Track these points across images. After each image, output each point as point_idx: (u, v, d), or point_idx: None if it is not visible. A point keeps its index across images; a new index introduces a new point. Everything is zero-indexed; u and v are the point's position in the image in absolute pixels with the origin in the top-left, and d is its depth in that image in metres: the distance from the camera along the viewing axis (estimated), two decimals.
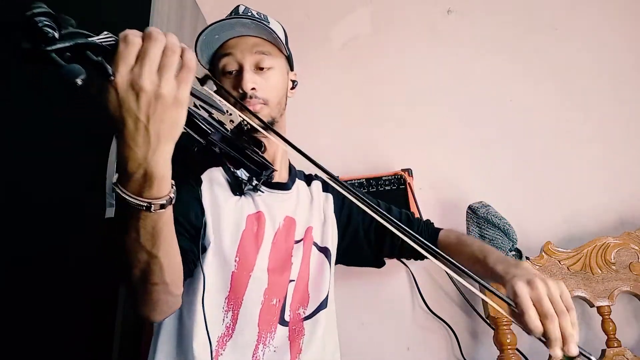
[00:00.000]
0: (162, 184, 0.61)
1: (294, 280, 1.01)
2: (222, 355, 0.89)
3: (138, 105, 0.54)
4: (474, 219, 1.41)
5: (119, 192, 0.60)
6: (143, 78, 0.53)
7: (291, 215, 1.06)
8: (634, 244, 1.41)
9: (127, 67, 0.54)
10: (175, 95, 0.56)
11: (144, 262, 0.68)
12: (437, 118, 1.76)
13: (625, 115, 1.65)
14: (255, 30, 1.03)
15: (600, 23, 1.77)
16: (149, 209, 0.61)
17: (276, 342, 0.94)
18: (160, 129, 0.56)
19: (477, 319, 1.50)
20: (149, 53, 0.54)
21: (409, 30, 1.90)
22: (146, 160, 0.57)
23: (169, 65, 0.55)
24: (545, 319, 0.74)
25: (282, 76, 1.08)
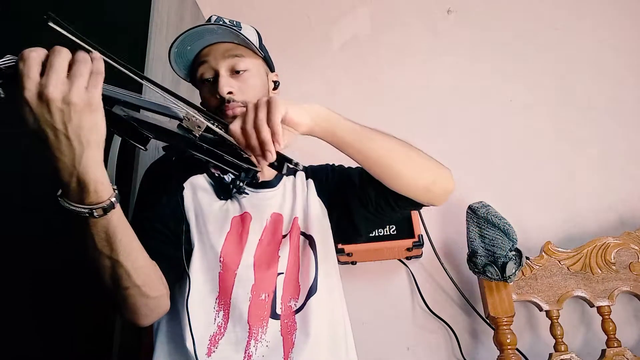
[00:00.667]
0: (99, 189, 0.63)
1: (283, 273, 1.01)
2: (214, 353, 0.91)
3: (51, 115, 0.57)
4: (474, 219, 1.41)
5: (61, 203, 0.64)
6: (49, 88, 0.56)
7: (277, 211, 1.06)
8: (634, 244, 1.41)
9: (31, 81, 0.56)
10: (87, 101, 0.58)
11: (109, 267, 0.71)
12: (437, 118, 1.76)
13: (625, 115, 1.66)
14: (223, 35, 1.04)
15: (600, 23, 1.77)
16: (92, 214, 0.64)
17: (268, 337, 0.94)
18: (80, 135, 0.58)
19: (477, 319, 1.50)
20: (54, 64, 0.57)
21: (409, 30, 1.90)
22: (75, 168, 0.60)
23: (78, 74, 0.58)
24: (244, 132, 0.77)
25: (259, 77, 1.08)
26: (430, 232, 1.54)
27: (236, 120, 0.79)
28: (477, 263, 1.36)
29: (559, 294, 1.38)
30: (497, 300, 1.35)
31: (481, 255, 1.36)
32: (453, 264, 1.56)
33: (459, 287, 1.53)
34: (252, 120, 0.77)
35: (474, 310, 1.50)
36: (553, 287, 1.39)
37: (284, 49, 1.91)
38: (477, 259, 1.36)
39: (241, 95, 1.02)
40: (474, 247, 1.38)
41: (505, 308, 1.35)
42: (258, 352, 0.92)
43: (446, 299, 1.55)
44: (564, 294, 1.38)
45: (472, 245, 1.39)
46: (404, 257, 1.58)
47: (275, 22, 1.94)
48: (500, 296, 1.36)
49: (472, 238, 1.39)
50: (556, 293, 1.38)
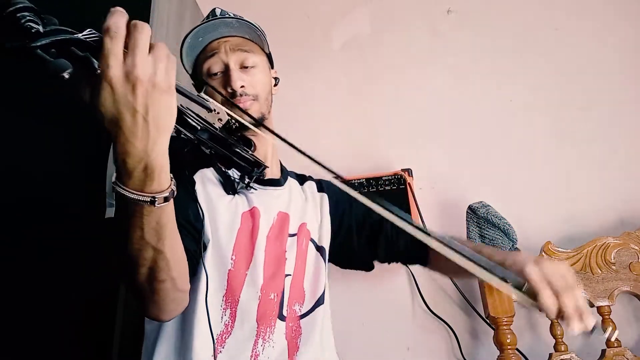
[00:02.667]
0: (163, 177, 0.61)
1: (290, 274, 1.02)
2: (221, 353, 0.90)
3: (135, 96, 0.54)
4: (474, 219, 1.41)
5: (119, 190, 0.60)
6: (137, 68, 0.53)
7: (284, 211, 1.07)
8: (634, 244, 1.41)
9: (117, 59, 0.53)
10: (169, 84, 0.56)
11: (150, 259, 0.68)
12: (437, 118, 1.76)
13: (625, 115, 1.66)
14: (238, 29, 1.05)
15: (601, 23, 1.77)
16: (153, 203, 0.61)
17: (275, 338, 0.94)
18: (159, 119, 0.56)
19: (477, 319, 1.50)
20: (139, 43, 0.54)
21: (409, 30, 1.90)
22: (146, 153, 0.57)
23: (161, 55, 0.56)
24: (560, 295, 0.76)
25: (265, 73, 1.10)
26: None
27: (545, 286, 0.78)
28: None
29: None
30: (497, 300, 1.35)
31: None
32: None
33: (459, 287, 1.53)
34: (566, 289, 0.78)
35: (474, 310, 1.50)
36: None
37: (284, 49, 1.91)
38: None
39: (252, 89, 1.04)
40: None
41: (505, 308, 1.34)
42: (265, 352, 0.92)
43: (446, 299, 1.55)
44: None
45: None
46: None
47: (275, 22, 1.94)
48: (500, 296, 1.36)
49: (472, 238, 1.39)
50: None
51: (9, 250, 1.22)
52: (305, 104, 1.84)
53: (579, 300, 0.76)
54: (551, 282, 0.78)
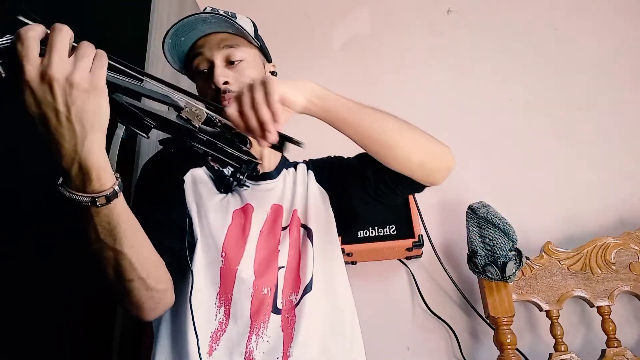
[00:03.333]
0: (102, 176, 0.60)
1: (284, 267, 1.00)
2: (216, 350, 0.89)
3: (53, 96, 0.54)
4: (474, 219, 1.41)
5: (63, 191, 0.61)
6: (52, 67, 0.53)
7: (277, 202, 1.06)
8: (634, 244, 1.41)
9: (31, 61, 0.54)
10: (91, 82, 0.56)
11: (112, 259, 0.69)
12: (437, 118, 1.76)
13: (625, 115, 1.66)
14: (217, 24, 1.03)
15: (601, 23, 1.77)
16: (95, 203, 0.61)
17: (269, 332, 0.93)
18: (83, 117, 0.56)
19: (477, 319, 1.50)
20: (55, 43, 0.54)
21: (409, 30, 1.90)
22: (77, 153, 0.57)
23: (83, 54, 0.56)
24: (241, 114, 0.76)
25: (255, 67, 1.07)
26: (430, 232, 1.54)
27: (232, 104, 0.77)
28: (477, 263, 1.36)
29: (559, 294, 1.38)
30: (497, 300, 1.35)
31: (481, 255, 1.36)
32: (453, 264, 1.56)
33: (459, 287, 1.53)
34: (250, 102, 0.76)
35: (474, 310, 1.50)
36: (553, 287, 1.39)
37: (284, 49, 1.91)
38: (477, 259, 1.36)
39: (237, 86, 1.01)
40: (474, 247, 1.38)
41: (505, 308, 1.35)
42: (259, 347, 0.91)
43: (446, 299, 1.55)
44: (564, 294, 1.38)
45: (472, 245, 1.39)
46: (404, 257, 1.58)
47: (275, 22, 1.94)
48: (500, 296, 1.36)
49: (472, 238, 1.39)
50: (556, 293, 1.38)
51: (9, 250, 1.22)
52: None
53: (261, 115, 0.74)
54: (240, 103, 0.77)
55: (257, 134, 0.75)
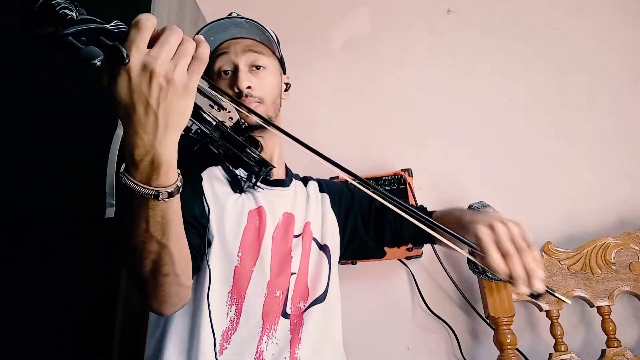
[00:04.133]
0: (169, 172, 0.61)
1: (295, 273, 1.02)
2: (227, 349, 0.90)
3: (149, 89, 0.55)
4: None
5: (127, 181, 0.61)
6: (158, 62, 0.54)
7: (289, 211, 1.08)
8: (634, 244, 1.41)
9: (140, 50, 0.55)
10: (185, 84, 0.57)
11: (155, 252, 0.69)
12: (437, 118, 1.76)
13: (625, 115, 1.65)
14: (248, 30, 1.06)
15: (601, 23, 1.77)
16: (157, 197, 0.61)
17: (279, 334, 0.94)
18: (169, 115, 0.57)
19: (477, 319, 1.50)
20: (169, 40, 0.56)
21: (409, 30, 1.90)
22: (153, 147, 0.58)
23: (185, 53, 0.56)
24: (507, 257, 0.76)
25: (275, 76, 1.11)
26: None
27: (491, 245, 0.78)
28: (477, 263, 1.36)
29: None
30: (497, 300, 1.35)
31: None
32: (453, 264, 1.56)
33: (459, 287, 1.53)
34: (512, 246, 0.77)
35: (474, 310, 1.50)
36: (553, 287, 1.38)
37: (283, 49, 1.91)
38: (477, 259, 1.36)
39: (259, 91, 1.04)
40: None
41: (505, 308, 1.34)
42: (269, 349, 0.93)
43: (446, 299, 1.55)
44: (564, 294, 1.37)
45: None
46: (404, 257, 1.58)
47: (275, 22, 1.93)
48: (500, 296, 1.36)
49: None
50: None
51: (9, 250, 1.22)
52: (305, 104, 1.84)
53: (529, 263, 0.75)
54: (501, 244, 0.77)
55: (521, 280, 0.74)
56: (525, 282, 0.74)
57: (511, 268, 0.74)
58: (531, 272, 0.74)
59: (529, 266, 0.74)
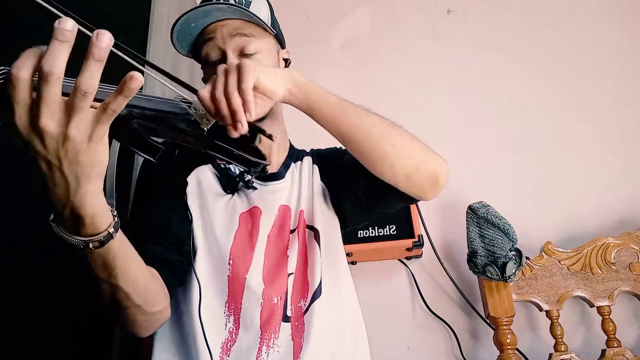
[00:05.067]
0: (96, 221, 0.57)
1: (293, 273, 0.96)
2: None
3: (45, 148, 0.49)
4: (474, 219, 1.41)
5: (55, 230, 0.58)
6: (42, 119, 0.47)
7: (285, 203, 1.01)
8: (634, 244, 1.41)
9: (22, 107, 0.47)
10: (88, 136, 0.49)
11: (108, 291, 0.67)
12: (437, 118, 1.76)
13: (625, 115, 1.66)
14: (233, 13, 0.94)
15: (601, 23, 1.77)
16: (87, 246, 0.58)
17: (280, 342, 0.90)
18: (77, 171, 0.51)
19: (477, 319, 1.50)
20: (42, 94, 0.46)
21: (409, 30, 1.90)
22: (69, 200, 0.53)
23: (78, 107, 0.47)
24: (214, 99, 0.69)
25: (271, 59, 1.00)
26: (430, 232, 1.54)
27: (206, 86, 0.71)
28: (477, 263, 1.36)
29: (559, 294, 1.38)
30: (497, 300, 1.35)
31: (481, 255, 1.36)
32: (453, 264, 1.56)
33: (459, 287, 1.53)
34: (222, 87, 0.70)
35: (474, 310, 1.50)
36: (553, 287, 1.39)
37: None
38: (477, 259, 1.36)
39: None
40: (474, 247, 1.38)
41: (505, 308, 1.35)
42: (270, 357, 0.88)
43: (446, 299, 1.55)
44: (564, 294, 1.37)
45: (472, 245, 1.39)
46: (404, 257, 1.58)
47: None
48: (500, 296, 1.36)
49: (472, 238, 1.39)
50: (556, 293, 1.38)
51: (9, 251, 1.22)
52: None
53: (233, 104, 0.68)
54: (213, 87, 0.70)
55: (227, 121, 0.69)
56: (230, 122, 0.68)
57: (215, 107, 0.69)
58: (234, 113, 0.68)
59: (233, 106, 0.68)
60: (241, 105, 0.69)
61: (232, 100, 0.69)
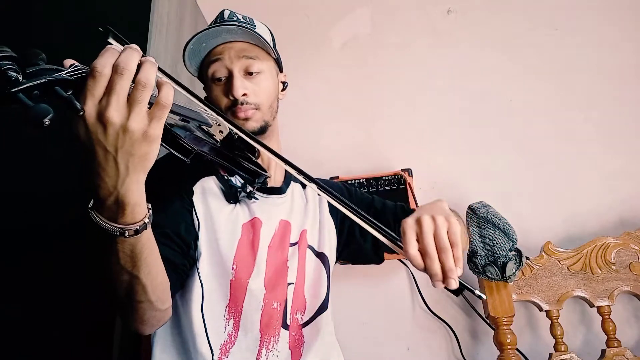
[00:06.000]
0: (135, 211, 0.62)
1: (293, 283, 1.01)
2: None
3: (106, 137, 0.55)
4: (474, 219, 1.41)
5: (93, 216, 0.62)
6: (109, 110, 0.54)
7: (286, 219, 1.06)
8: (634, 244, 1.41)
9: (94, 99, 0.54)
10: (145, 130, 0.56)
11: (127, 282, 0.70)
12: (437, 118, 1.76)
13: (625, 115, 1.65)
14: (241, 35, 1.02)
15: (601, 23, 1.77)
16: (123, 234, 0.62)
17: (280, 347, 0.94)
18: (129, 161, 0.57)
19: (477, 319, 1.50)
20: (115, 86, 0.54)
21: (409, 30, 1.90)
22: (116, 189, 0.59)
23: (139, 99, 0.55)
24: (425, 256, 0.75)
25: (272, 79, 1.08)
26: None
27: (411, 242, 0.77)
28: (477, 263, 1.36)
29: (559, 294, 1.38)
30: (497, 300, 1.35)
31: (481, 255, 1.36)
32: None
33: None
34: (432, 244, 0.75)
35: (474, 310, 1.50)
36: (553, 287, 1.39)
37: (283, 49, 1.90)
38: (477, 259, 1.36)
39: (254, 98, 1.02)
40: (474, 247, 1.38)
41: (505, 308, 1.35)
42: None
43: (446, 299, 1.55)
44: (564, 294, 1.38)
45: (472, 245, 1.39)
46: (404, 257, 1.58)
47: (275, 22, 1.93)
48: (500, 296, 1.36)
49: (472, 238, 1.39)
50: (556, 293, 1.38)
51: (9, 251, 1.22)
52: (305, 104, 1.84)
53: (447, 262, 0.74)
54: (422, 240, 0.76)
55: (436, 278, 0.75)
56: (440, 279, 0.75)
57: (427, 265, 0.75)
58: (448, 271, 0.74)
59: (447, 265, 0.74)
60: (454, 264, 0.75)
61: (446, 262, 0.75)
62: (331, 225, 1.15)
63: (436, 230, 0.76)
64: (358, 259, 1.25)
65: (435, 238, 0.75)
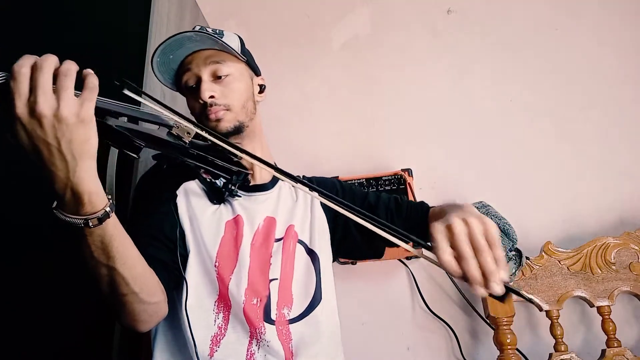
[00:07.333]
0: (93, 199, 0.65)
1: (277, 279, 1.03)
2: (217, 352, 0.93)
3: (44, 131, 0.58)
4: None
5: (57, 214, 0.65)
6: (39, 104, 0.57)
7: (271, 215, 1.08)
8: (634, 244, 1.41)
9: (22, 99, 0.57)
10: (77, 114, 0.59)
11: (106, 275, 0.73)
12: (437, 118, 1.76)
13: (625, 115, 1.66)
14: (202, 42, 1.05)
15: (601, 23, 1.77)
16: (88, 225, 0.65)
17: (268, 337, 0.97)
18: (72, 148, 0.60)
19: (477, 319, 1.50)
20: (38, 81, 0.58)
21: (409, 30, 1.90)
22: (69, 180, 0.62)
23: (64, 86, 0.59)
24: (461, 259, 0.68)
25: (243, 81, 1.10)
26: None
27: (443, 247, 0.69)
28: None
29: (559, 294, 1.38)
30: (497, 300, 1.35)
31: None
32: None
33: (459, 287, 1.53)
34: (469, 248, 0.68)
35: (474, 310, 1.50)
36: (553, 287, 1.39)
37: (284, 49, 1.91)
38: None
39: (224, 99, 1.04)
40: None
41: (505, 308, 1.35)
42: (260, 351, 0.95)
43: (446, 299, 1.55)
44: (564, 294, 1.38)
45: None
46: (404, 257, 1.58)
47: (275, 22, 1.94)
48: None
49: None
50: (556, 293, 1.38)
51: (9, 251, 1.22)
52: (305, 104, 1.84)
53: (487, 265, 0.67)
54: (456, 244, 0.69)
55: (477, 283, 0.67)
56: (481, 284, 0.67)
57: (464, 269, 0.67)
58: (488, 274, 0.67)
59: (487, 268, 0.67)
60: (495, 265, 0.67)
61: (485, 264, 0.67)
62: (323, 221, 1.14)
63: (470, 231, 0.70)
64: (355, 254, 1.26)
65: (471, 239, 0.69)
